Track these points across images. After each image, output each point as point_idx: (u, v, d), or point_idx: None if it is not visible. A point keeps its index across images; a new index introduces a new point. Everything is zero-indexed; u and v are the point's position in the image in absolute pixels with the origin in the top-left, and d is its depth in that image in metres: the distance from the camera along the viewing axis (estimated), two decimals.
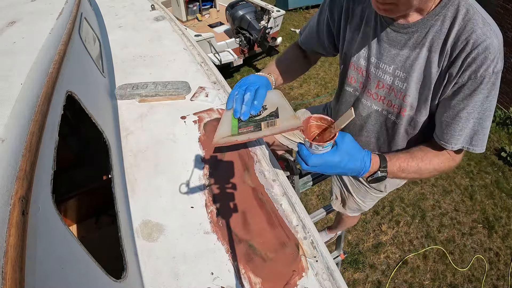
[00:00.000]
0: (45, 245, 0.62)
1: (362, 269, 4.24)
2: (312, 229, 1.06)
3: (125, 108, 1.60)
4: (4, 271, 0.46)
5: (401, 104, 0.89)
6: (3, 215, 0.53)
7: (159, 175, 1.26)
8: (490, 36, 0.69)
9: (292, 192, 1.17)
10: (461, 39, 0.72)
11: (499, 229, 4.73)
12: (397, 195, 5.08)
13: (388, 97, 0.92)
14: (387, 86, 0.90)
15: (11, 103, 0.74)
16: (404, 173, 0.90)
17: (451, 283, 4.16)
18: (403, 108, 0.89)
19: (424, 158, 0.89)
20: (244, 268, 0.97)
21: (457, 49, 0.73)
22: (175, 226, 1.09)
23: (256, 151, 1.33)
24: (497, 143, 6.01)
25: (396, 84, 0.88)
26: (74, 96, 1.10)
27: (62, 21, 1.28)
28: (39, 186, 0.68)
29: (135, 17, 2.50)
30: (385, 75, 0.89)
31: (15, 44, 1.06)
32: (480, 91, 0.76)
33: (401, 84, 0.87)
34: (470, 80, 0.74)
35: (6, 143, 0.64)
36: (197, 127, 1.46)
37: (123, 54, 2.02)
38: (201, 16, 7.52)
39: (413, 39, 0.79)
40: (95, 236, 1.74)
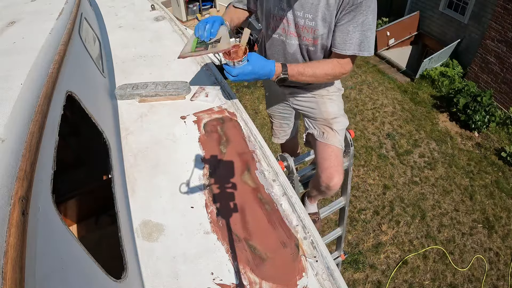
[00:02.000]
0: (45, 245, 0.62)
1: (362, 269, 4.24)
2: (312, 229, 1.06)
3: (125, 108, 1.60)
4: (4, 271, 0.46)
5: (314, 37, 1.24)
6: (3, 215, 0.53)
7: (159, 175, 1.26)
8: None
9: (292, 192, 1.17)
10: None
11: (499, 229, 4.73)
12: (397, 195, 5.08)
13: (303, 34, 1.27)
14: (301, 26, 1.24)
15: (11, 103, 0.75)
16: (303, 76, 1.26)
17: (451, 283, 4.16)
18: (315, 39, 1.25)
19: (318, 65, 1.26)
20: (244, 268, 0.97)
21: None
22: (175, 226, 1.09)
23: (256, 151, 1.33)
24: (497, 143, 6.01)
25: (307, 23, 1.22)
26: (74, 96, 1.10)
27: (62, 21, 1.28)
28: (39, 186, 0.68)
29: (135, 17, 2.50)
30: (298, 19, 1.23)
31: (15, 44, 1.06)
32: (361, 12, 1.11)
33: (310, 22, 1.21)
34: (353, 5, 1.10)
35: (6, 143, 0.64)
36: (197, 127, 1.46)
37: (123, 54, 2.02)
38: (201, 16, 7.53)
39: None
40: (95, 236, 1.74)
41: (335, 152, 1.46)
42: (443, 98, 6.87)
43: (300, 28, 1.27)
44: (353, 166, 1.94)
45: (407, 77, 7.75)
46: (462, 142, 6.09)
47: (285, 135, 2.02)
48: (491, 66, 6.77)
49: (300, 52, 1.36)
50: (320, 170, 1.50)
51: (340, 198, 2.09)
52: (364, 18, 1.13)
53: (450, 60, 7.62)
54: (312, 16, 1.20)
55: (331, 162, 1.45)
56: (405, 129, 6.26)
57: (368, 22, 1.13)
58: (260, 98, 6.79)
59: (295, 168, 1.69)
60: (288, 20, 1.28)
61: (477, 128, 6.11)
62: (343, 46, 1.19)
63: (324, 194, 1.64)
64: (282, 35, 1.34)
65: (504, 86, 6.61)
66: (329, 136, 1.49)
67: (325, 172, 1.46)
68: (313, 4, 1.18)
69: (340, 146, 1.49)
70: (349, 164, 1.86)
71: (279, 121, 1.94)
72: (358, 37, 1.15)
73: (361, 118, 6.47)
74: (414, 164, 5.60)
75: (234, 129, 1.44)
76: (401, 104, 6.86)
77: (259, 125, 6.09)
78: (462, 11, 7.36)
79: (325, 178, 1.46)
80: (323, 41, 1.26)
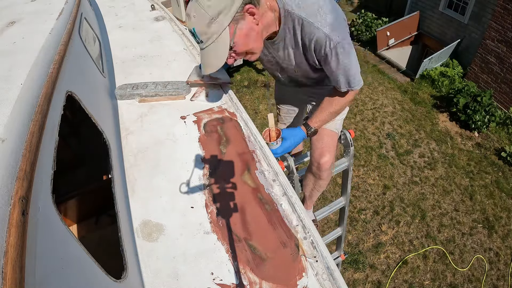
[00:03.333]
0: (45, 245, 0.62)
1: (362, 269, 4.24)
2: (312, 229, 1.06)
3: (125, 108, 1.60)
4: (4, 271, 0.46)
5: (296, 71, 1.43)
6: (3, 215, 0.53)
7: (159, 175, 1.26)
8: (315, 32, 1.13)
9: (292, 192, 1.17)
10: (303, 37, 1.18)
11: (499, 229, 4.73)
12: (397, 195, 5.08)
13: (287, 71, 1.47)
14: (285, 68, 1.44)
15: (11, 103, 0.75)
16: (326, 120, 1.45)
17: (451, 283, 4.16)
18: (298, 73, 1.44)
19: (330, 105, 1.41)
20: (244, 268, 0.97)
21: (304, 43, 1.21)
22: (175, 226, 1.09)
23: (256, 151, 1.33)
24: (497, 143, 6.00)
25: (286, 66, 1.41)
26: (74, 96, 1.10)
27: (62, 21, 1.28)
28: (39, 186, 0.68)
29: (135, 17, 2.50)
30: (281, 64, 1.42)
31: (15, 44, 1.06)
32: (332, 59, 1.19)
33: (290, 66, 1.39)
34: (322, 56, 1.20)
35: (6, 143, 0.64)
36: (197, 127, 1.46)
37: (123, 54, 2.02)
38: None
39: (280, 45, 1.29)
40: (95, 236, 1.74)
41: (328, 135, 1.56)
42: (443, 98, 6.87)
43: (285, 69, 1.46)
44: (353, 166, 1.94)
45: (407, 77, 7.75)
46: (462, 142, 6.09)
47: (291, 120, 2.10)
48: (491, 66, 6.77)
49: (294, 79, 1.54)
50: (313, 150, 1.59)
51: (340, 198, 2.10)
52: (336, 63, 1.20)
53: (450, 60, 7.62)
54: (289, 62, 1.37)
55: (323, 143, 1.54)
56: (405, 129, 6.26)
57: (343, 63, 1.20)
58: (260, 98, 6.79)
59: (295, 168, 1.69)
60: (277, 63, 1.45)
61: (477, 128, 6.11)
62: (336, 84, 1.31)
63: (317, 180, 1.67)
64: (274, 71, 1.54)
65: (504, 86, 6.61)
66: None
67: (316, 151, 1.56)
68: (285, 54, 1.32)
69: (335, 130, 1.59)
70: (349, 164, 1.86)
71: (286, 107, 2.02)
72: (343, 78, 1.26)
73: (361, 118, 6.47)
74: (414, 164, 5.60)
75: (234, 129, 1.44)
76: (401, 104, 6.86)
77: (259, 125, 6.09)
78: (462, 11, 7.36)
79: (316, 156, 1.55)
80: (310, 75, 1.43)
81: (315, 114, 1.44)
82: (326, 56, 1.18)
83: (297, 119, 2.08)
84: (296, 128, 1.45)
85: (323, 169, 1.56)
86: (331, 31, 1.12)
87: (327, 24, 1.12)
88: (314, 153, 1.57)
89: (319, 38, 1.13)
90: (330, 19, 1.13)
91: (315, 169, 1.60)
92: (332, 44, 1.13)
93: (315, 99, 1.70)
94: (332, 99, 1.41)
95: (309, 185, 1.75)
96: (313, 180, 1.69)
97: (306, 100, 1.79)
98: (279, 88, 1.96)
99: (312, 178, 1.69)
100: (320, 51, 1.18)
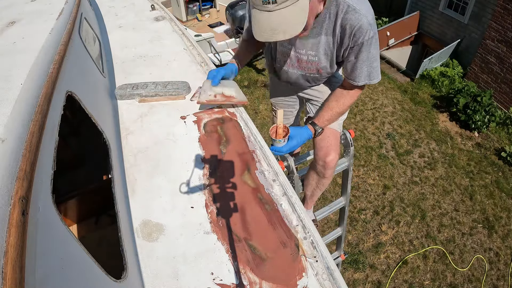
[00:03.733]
0: (45, 245, 0.62)
1: (362, 269, 4.24)
2: (312, 229, 1.06)
3: (125, 108, 1.60)
4: (4, 271, 0.46)
5: (318, 68, 1.39)
6: (3, 215, 0.53)
7: (159, 175, 1.26)
8: (360, 19, 1.13)
9: (292, 192, 1.17)
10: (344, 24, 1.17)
11: (499, 229, 4.73)
12: (397, 195, 5.08)
13: (306, 66, 1.42)
14: (304, 61, 1.39)
15: (11, 103, 0.75)
16: (332, 120, 1.43)
17: (451, 283, 4.16)
18: (320, 69, 1.40)
19: (337, 104, 1.40)
20: (244, 268, 0.97)
21: (343, 30, 1.19)
22: (175, 226, 1.09)
23: (256, 151, 1.33)
24: (497, 143, 6.00)
25: (310, 59, 1.36)
26: (74, 96, 1.10)
27: (62, 21, 1.28)
28: (39, 186, 0.68)
29: (135, 17, 2.50)
30: (300, 56, 1.38)
31: (15, 44, 1.06)
32: (363, 50, 1.20)
33: (313, 58, 1.35)
34: (356, 45, 1.20)
35: (6, 143, 0.64)
36: (197, 127, 1.46)
37: (123, 54, 2.02)
38: (201, 16, 7.52)
39: (314, 31, 1.25)
40: (95, 236, 1.74)
41: (333, 134, 1.56)
42: (443, 98, 6.87)
43: (304, 62, 1.40)
44: (353, 166, 1.94)
45: (407, 77, 7.75)
46: (462, 142, 6.09)
47: (288, 123, 2.07)
48: (491, 66, 6.77)
49: (301, 79, 1.51)
50: (317, 149, 1.58)
51: (340, 198, 2.10)
52: (367, 53, 1.22)
53: (450, 60, 7.62)
54: (314, 53, 1.33)
55: (328, 142, 1.54)
56: (405, 129, 6.26)
57: (373, 55, 1.23)
58: (260, 98, 6.79)
59: (295, 168, 1.69)
60: (291, 56, 1.41)
61: (477, 128, 6.11)
62: (354, 77, 1.30)
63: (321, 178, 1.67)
64: (284, 66, 1.49)
65: (504, 86, 6.61)
66: None
67: (322, 150, 1.55)
68: (314, 43, 1.29)
69: (338, 129, 1.59)
70: (349, 164, 1.86)
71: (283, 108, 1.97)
72: (366, 70, 1.26)
73: (361, 118, 6.47)
74: (414, 164, 5.60)
75: (234, 129, 1.44)
76: (401, 104, 6.86)
77: (259, 125, 6.09)
78: (462, 11, 7.36)
79: (322, 155, 1.55)
80: (327, 70, 1.40)
81: (321, 114, 1.43)
82: (361, 45, 1.19)
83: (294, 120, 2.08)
84: (303, 127, 1.43)
85: (328, 167, 1.56)
86: (372, 22, 1.16)
87: (370, 14, 1.15)
88: (319, 152, 1.56)
89: (362, 26, 1.14)
90: (371, 10, 1.17)
91: (320, 167, 1.59)
92: (372, 33, 1.16)
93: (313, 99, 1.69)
94: (339, 98, 1.40)
95: (311, 184, 1.75)
96: (316, 179, 1.69)
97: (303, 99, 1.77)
98: (276, 88, 1.94)
99: (315, 177, 1.69)
100: (358, 39, 1.18)
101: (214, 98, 1.44)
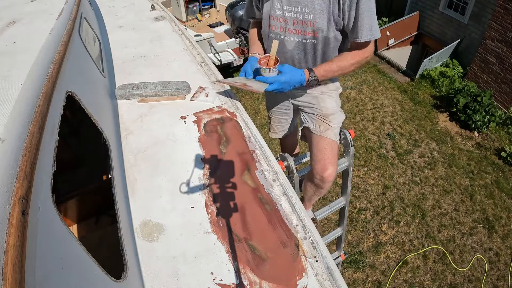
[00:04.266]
0: (45, 245, 0.62)
1: (362, 269, 4.24)
2: (312, 229, 1.06)
3: (125, 108, 1.60)
4: (4, 271, 0.46)
5: (314, 30, 1.31)
6: (3, 215, 0.53)
7: (159, 175, 1.26)
8: None
9: (292, 192, 1.17)
10: None
11: (499, 229, 4.73)
12: (397, 195, 5.08)
13: (303, 28, 1.34)
14: (300, 21, 1.32)
15: (11, 103, 0.75)
16: (331, 73, 1.36)
17: (451, 283, 4.16)
18: (316, 31, 1.32)
19: (341, 58, 1.35)
20: (244, 268, 0.97)
21: None
22: (175, 226, 1.09)
23: (256, 151, 1.33)
24: (497, 143, 6.00)
25: (305, 17, 1.30)
26: (74, 96, 1.10)
27: (62, 21, 1.28)
28: (39, 186, 0.68)
29: (135, 17, 2.50)
30: (296, 14, 1.31)
31: (15, 44, 1.06)
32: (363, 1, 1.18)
33: (308, 16, 1.29)
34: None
35: (6, 143, 0.64)
36: (197, 127, 1.46)
37: (123, 54, 2.02)
38: (201, 16, 7.52)
39: None
40: (95, 236, 1.74)
41: (330, 145, 1.50)
42: (443, 98, 6.87)
43: (300, 23, 1.34)
44: (353, 166, 1.94)
45: (407, 77, 7.74)
46: (462, 142, 6.09)
47: (283, 130, 2.02)
48: (491, 66, 6.77)
49: (298, 48, 1.42)
50: (314, 162, 1.53)
51: (340, 198, 2.09)
52: (367, 6, 1.20)
53: (450, 60, 7.62)
54: (309, 9, 1.28)
55: (325, 154, 1.49)
56: (405, 129, 6.26)
57: (371, 6, 1.22)
58: (260, 98, 6.79)
59: (295, 168, 1.69)
60: (286, 18, 1.35)
61: (477, 128, 6.11)
62: (356, 33, 1.27)
63: (318, 189, 1.63)
64: (280, 33, 1.41)
65: (504, 86, 6.61)
66: (325, 129, 1.53)
67: (319, 164, 1.50)
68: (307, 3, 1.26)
69: (335, 139, 1.53)
70: (349, 164, 1.86)
71: (277, 116, 1.94)
72: (367, 23, 1.23)
73: (361, 118, 6.47)
74: (414, 164, 5.60)
75: (234, 129, 1.44)
76: (401, 104, 6.86)
77: (259, 125, 6.09)
78: (462, 11, 7.36)
79: (319, 169, 1.50)
80: (323, 34, 1.33)
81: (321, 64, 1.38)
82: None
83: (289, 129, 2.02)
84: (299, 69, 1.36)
85: (326, 181, 1.52)
86: None
87: None
88: (316, 165, 1.51)
89: None
90: None
91: (318, 181, 1.55)
92: None
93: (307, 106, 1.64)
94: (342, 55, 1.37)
95: (309, 191, 1.72)
96: (313, 188, 1.66)
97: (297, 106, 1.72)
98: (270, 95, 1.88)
99: (313, 187, 1.65)
100: None
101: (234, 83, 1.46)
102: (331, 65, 1.35)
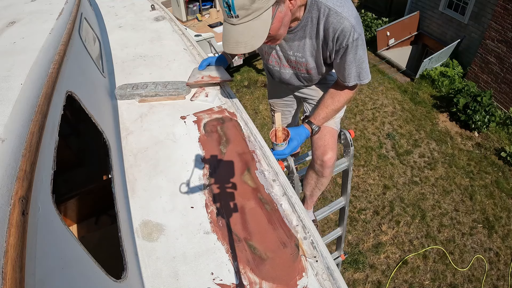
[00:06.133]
0: (45, 245, 0.62)
1: (362, 269, 4.24)
2: (312, 229, 1.06)
3: (125, 108, 1.60)
4: (4, 271, 0.46)
5: (307, 68, 1.42)
6: (3, 215, 0.53)
7: (159, 175, 1.26)
8: (342, 22, 1.14)
9: (292, 192, 1.17)
10: (327, 28, 1.19)
11: (499, 229, 4.73)
12: (397, 195, 5.08)
13: (296, 66, 1.45)
14: (293, 61, 1.43)
15: (11, 103, 0.75)
16: (328, 118, 1.47)
17: (451, 283, 4.16)
18: (309, 70, 1.43)
19: (333, 102, 1.43)
20: (244, 268, 0.97)
21: (327, 34, 1.21)
22: (175, 226, 1.09)
23: (256, 151, 1.33)
24: (497, 143, 6.00)
25: (298, 59, 1.40)
26: (74, 96, 1.10)
27: (62, 21, 1.28)
28: (39, 186, 0.68)
29: (135, 17, 2.50)
30: (288, 56, 1.41)
31: (15, 44, 1.06)
32: (349, 52, 1.21)
33: (301, 59, 1.38)
34: (341, 48, 1.21)
35: (6, 143, 0.64)
36: (197, 127, 1.46)
37: (123, 54, 2.02)
38: (201, 16, 7.51)
39: (298, 35, 1.28)
40: (95, 236, 1.74)
41: (330, 132, 1.56)
42: (443, 98, 6.87)
43: (293, 62, 1.43)
44: (353, 166, 1.94)
45: (407, 77, 7.74)
46: (462, 142, 6.09)
47: (286, 122, 2.08)
48: (491, 66, 6.77)
49: (295, 78, 1.53)
50: (315, 148, 1.58)
51: (340, 198, 2.09)
52: (354, 55, 1.23)
53: (450, 60, 7.62)
54: (301, 54, 1.36)
55: (325, 140, 1.54)
56: (405, 129, 6.26)
57: (360, 56, 1.24)
58: (260, 98, 6.79)
59: (295, 168, 1.69)
60: (280, 57, 1.45)
61: (477, 128, 6.11)
62: (344, 78, 1.32)
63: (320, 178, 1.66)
64: (275, 66, 1.52)
65: (504, 86, 6.61)
66: None
67: (319, 149, 1.56)
68: (299, 45, 1.32)
69: (335, 127, 1.59)
70: (349, 164, 1.86)
71: (281, 108, 2.00)
72: (355, 71, 1.28)
73: (361, 118, 6.47)
74: (414, 164, 5.60)
75: (234, 129, 1.44)
76: (401, 104, 6.86)
77: (259, 125, 6.09)
78: (462, 11, 7.36)
79: (319, 154, 1.55)
80: (316, 71, 1.43)
81: (317, 112, 1.45)
82: (346, 47, 1.19)
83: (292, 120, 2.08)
84: (299, 127, 1.45)
85: (326, 166, 1.56)
86: (356, 23, 1.15)
87: (353, 16, 1.15)
88: (317, 151, 1.57)
89: (345, 28, 1.15)
90: (354, 11, 1.17)
91: (318, 166, 1.60)
92: (356, 35, 1.16)
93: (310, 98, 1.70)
94: (334, 96, 1.42)
95: (310, 183, 1.75)
96: (315, 178, 1.69)
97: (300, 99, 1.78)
98: (273, 89, 1.94)
99: (314, 176, 1.69)
100: (342, 42, 1.19)
101: (201, 79, 1.64)
102: (326, 111, 1.44)
